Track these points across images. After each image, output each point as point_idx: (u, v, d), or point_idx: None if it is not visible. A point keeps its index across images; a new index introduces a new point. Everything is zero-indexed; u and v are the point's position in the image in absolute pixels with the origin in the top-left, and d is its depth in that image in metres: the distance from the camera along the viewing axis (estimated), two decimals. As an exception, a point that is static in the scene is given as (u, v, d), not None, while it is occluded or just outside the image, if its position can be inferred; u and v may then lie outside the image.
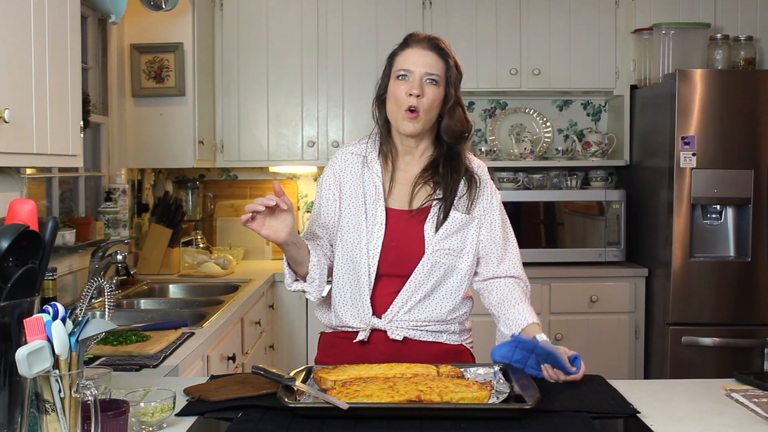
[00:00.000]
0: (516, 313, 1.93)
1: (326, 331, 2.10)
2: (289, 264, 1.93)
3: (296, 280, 1.94)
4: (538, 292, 3.87)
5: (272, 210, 1.78)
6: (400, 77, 1.94)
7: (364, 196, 1.99)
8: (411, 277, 1.95)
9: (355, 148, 2.06)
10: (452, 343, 2.01)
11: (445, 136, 1.98)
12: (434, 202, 1.97)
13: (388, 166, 2.02)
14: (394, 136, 2.02)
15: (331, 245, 2.02)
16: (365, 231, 1.96)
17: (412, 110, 1.91)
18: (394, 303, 1.95)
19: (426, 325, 1.97)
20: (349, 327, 1.99)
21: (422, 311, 1.96)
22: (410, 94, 1.90)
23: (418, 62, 1.93)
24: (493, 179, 2.09)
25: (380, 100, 2.00)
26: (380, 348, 1.96)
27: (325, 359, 2.04)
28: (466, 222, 1.98)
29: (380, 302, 1.97)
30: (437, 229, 1.95)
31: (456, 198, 1.97)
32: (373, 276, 1.96)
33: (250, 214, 1.76)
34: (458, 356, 2.00)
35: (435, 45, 1.95)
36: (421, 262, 1.95)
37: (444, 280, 1.97)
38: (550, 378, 1.77)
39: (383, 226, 1.96)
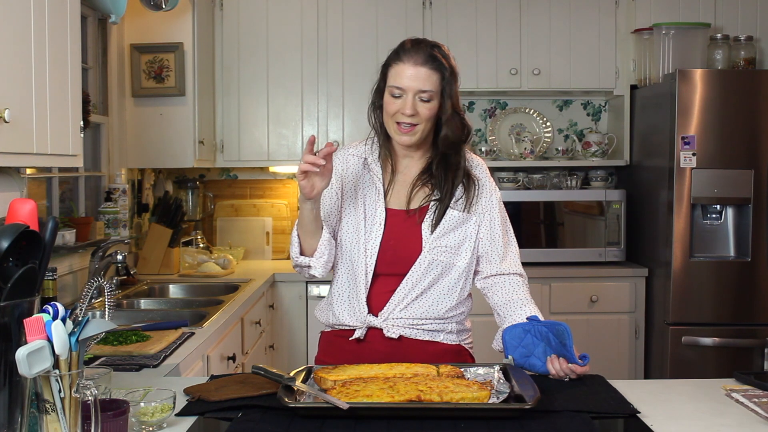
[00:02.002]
0: (524, 315, 1.93)
1: (326, 330, 2.11)
2: (298, 236, 1.94)
3: (302, 254, 1.96)
4: (538, 292, 3.86)
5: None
6: (393, 95, 1.92)
7: (363, 198, 2.00)
8: (407, 275, 1.95)
9: (355, 149, 2.07)
10: (450, 343, 2.01)
11: (443, 147, 1.97)
12: (432, 203, 1.98)
13: (387, 168, 2.03)
14: (392, 143, 2.02)
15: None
16: (363, 231, 1.97)
17: (406, 126, 1.91)
18: (390, 301, 1.96)
19: (422, 324, 1.97)
20: (345, 325, 2.00)
21: (418, 309, 1.96)
22: (403, 114, 1.90)
23: (411, 79, 1.89)
24: (493, 179, 2.09)
25: (376, 105, 2.00)
26: (376, 346, 1.97)
27: (324, 358, 2.06)
28: (464, 219, 1.99)
29: (377, 301, 1.97)
30: (434, 228, 1.96)
31: (453, 201, 1.98)
32: (370, 275, 1.97)
33: (305, 169, 1.81)
34: (456, 356, 2.00)
35: (429, 57, 1.90)
36: (417, 260, 1.95)
37: (441, 277, 1.97)
38: (555, 370, 1.76)
39: (382, 225, 1.97)
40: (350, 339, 1.98)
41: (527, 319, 1.90)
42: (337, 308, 2.01)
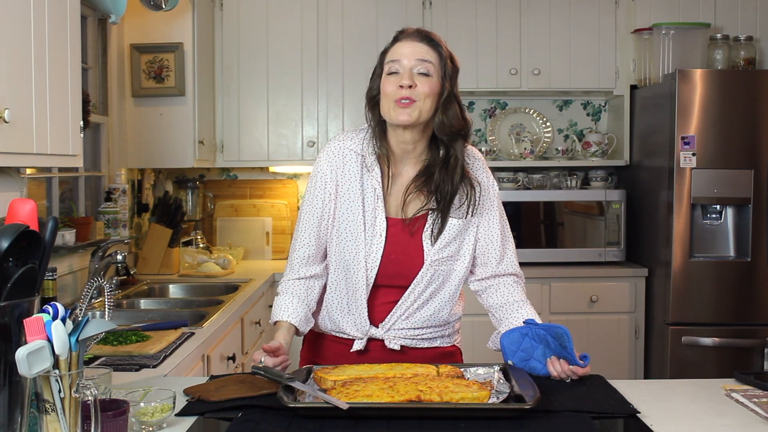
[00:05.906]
0: (520, 317, 1.91)
1: (314, 331, 2.03)
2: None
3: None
4: (538, 292, 3.87)
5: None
6: (391, 72, 1.83)
7: (362, 202, 1.89)
8: (410, 288, 1.89)
9: (351, 143, 1.92)
10: (446, 345, 2.00)
11: (440, 133, 1.83)
12: (430, 212, 1.89)
13: (386, 171, 1.91)
14: (390, 139, 1.89)
15: (326, 249, 1.95)
16: (363, 242, 1.88)
17: (404, 100, 1.79)
18: (392, 313, 1.91)
19: (423, 333, 1.94)
20: (345, 334, 1.95)
21: (420, 318, 1.92)
22: (401, 86, 1.79)
23: (408, 52, 1.82)
24: (490, 171, 2.03)
25: (373, 101, 1.89)
26: (377, 354, 1.93)
27: (312, 357, 2.02)
28: (464, 226, 1.91)
29: (377, 311, 1.92)
30: (435, 240, 1.88)
31: (454, 209, 1.88)
32: (370, 287, 1.90)
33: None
34: (451, 358, 1.99)
35: (425, 36, 1.85)
36: (420, 273, 1.89)
37: (442, 286, 1.92)
38: (556, 372, 1.76)
39: (383, 237, 1.88)
40: (351, 351, 1.93)
41: (524, 322, 1.87)
42: (336, 316, 1.95)
